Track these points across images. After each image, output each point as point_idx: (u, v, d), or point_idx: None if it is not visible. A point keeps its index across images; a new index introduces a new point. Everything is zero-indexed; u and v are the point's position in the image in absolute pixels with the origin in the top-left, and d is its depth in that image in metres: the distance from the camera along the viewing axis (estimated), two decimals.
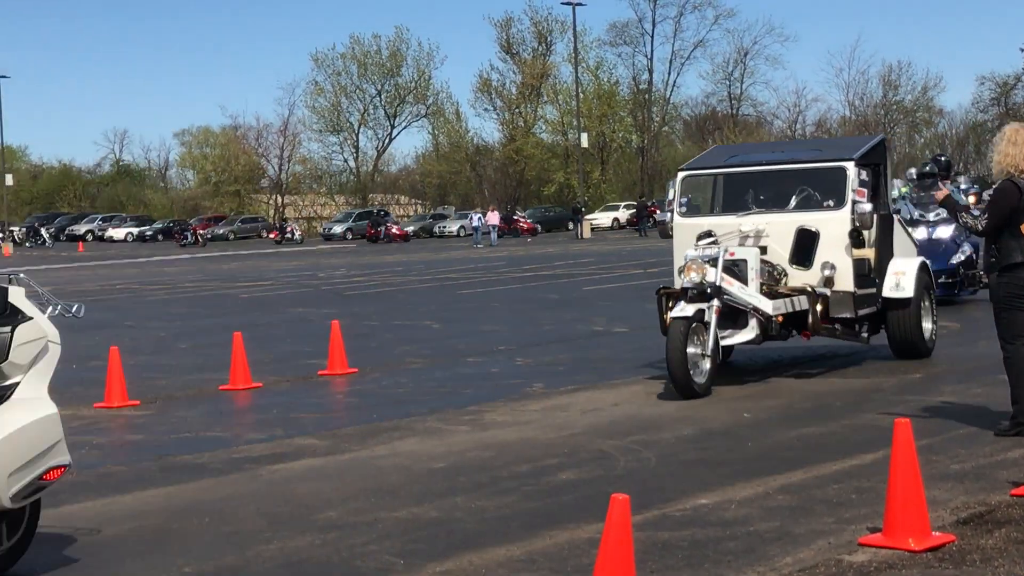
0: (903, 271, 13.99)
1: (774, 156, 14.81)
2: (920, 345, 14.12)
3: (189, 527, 8.13)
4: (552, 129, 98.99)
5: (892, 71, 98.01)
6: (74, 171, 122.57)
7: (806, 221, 13.54)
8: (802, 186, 13.98)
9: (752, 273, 12.65)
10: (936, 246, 19.79)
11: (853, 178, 13.47)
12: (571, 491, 8.63)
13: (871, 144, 14.42)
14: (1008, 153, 9.67)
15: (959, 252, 20.18)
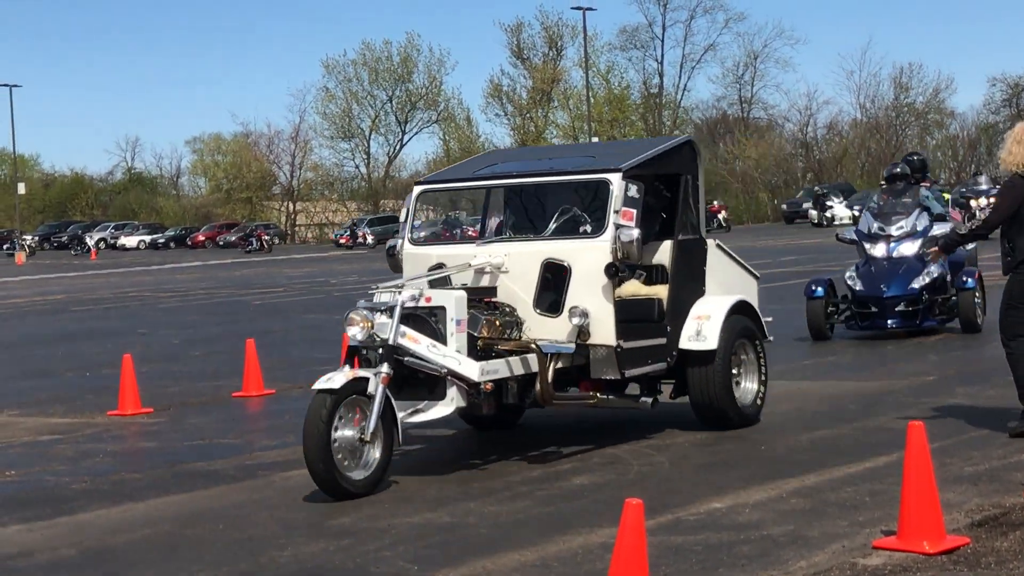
0: (707, 315, 10.66)
1: (532, 166, 11.48)
2: (729, 411, 10.67)
3: (203, 534, 8.14)
4: (563, 134, 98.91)
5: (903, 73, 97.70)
6: (86, 179, 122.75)
7: (554, 252, 10.17)
8: (566, 205, 10.76)
9: (452, 325, 9.40)
10: (896, 266, 16.72)
11: (618, 195, 10.00)
12: (584, 496, 8.62)
13: (659, 150, 11.02)
14: (1014, 151, 9.70)
15: (924, 274, 16.56)
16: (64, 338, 23.96)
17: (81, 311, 31.79)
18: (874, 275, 16.73)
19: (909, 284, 16.64)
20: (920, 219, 17.09)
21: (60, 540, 8.22)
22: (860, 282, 16.77)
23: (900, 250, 16.96)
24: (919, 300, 16.56)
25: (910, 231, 17.04)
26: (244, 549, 7.72)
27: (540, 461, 9.82)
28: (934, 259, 11.31)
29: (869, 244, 17.15)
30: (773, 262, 34.48)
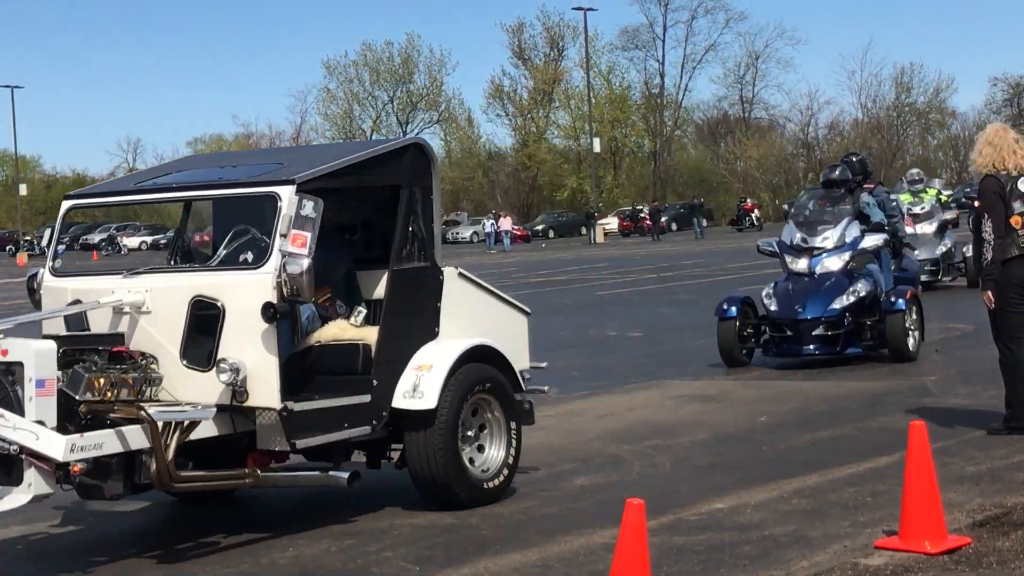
0: (429, 364, 8.37)
1: (201, 177, 8.98)
2: (456, 487, 8.36)
3: (204, 535, 8.14)
4: (564, 134, 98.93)
5: (904, 73, 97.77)
6: (88, 180, 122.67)
7: (206, 287, 7.92)
8: (241, 227, 8.43)
9: (31, 387, 7.08)
10: (818, 284, 14.44)
11: (287, 213, 7.71)
12: (586, 496, 8.62)
13: (362, 156, 8.61)
14: (984, 152, 9.73)
15: (848, 293, 14.33)
16: None
17: None
18: (791, 294, 14.46)
19: (829, 304, 14.23)
20: (851, 229, 14.83)
21: (61, 539, 8.23)
22: (775, 301, 14.50)
23: (824, 265, 14.58)
24: (840, 323, 14.20)
25: (837, 243, 14.71)
26: (245, 550, 7.72)
27: (542, 461, 9.82)
28: (987, 303, 9.80)
29: (790, 257, 14.90)
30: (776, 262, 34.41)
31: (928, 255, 22.59)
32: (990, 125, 10.09)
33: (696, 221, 68.77)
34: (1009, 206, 9.55)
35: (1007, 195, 9.56)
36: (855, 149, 67.64)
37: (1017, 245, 9.54)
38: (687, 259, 41.57)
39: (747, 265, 34.05)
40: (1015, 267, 9.58)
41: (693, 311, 22.40)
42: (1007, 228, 9.55)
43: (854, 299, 14.31)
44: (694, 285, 29.06)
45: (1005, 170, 9.64)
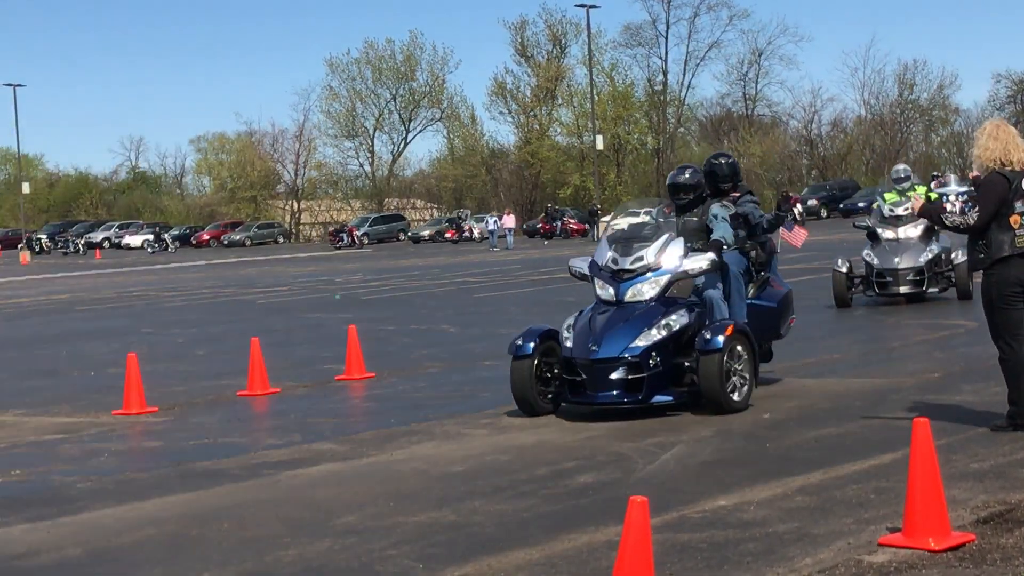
0: None
1: None
2: None
3: (208, 533, 8.14)
4: (567, 132, 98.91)
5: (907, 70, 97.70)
6: (90, 179, 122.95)
7: None
8: None
9: None
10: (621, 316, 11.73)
11: None
12: (590, 494, 8.62)
13: None
14: (989, 147, 9.70)
15: (659, 326, 11.52)
16: (69, 338, 23.99)
17: (86, 311, 31.82)
18: (591, 328, 11.74)
19: (632, 341, 11.42)
20: (672, 248, 12.04)
21: (66, 539, 8.23)
22: (573, 336, 11.76)
23: (635, 292, 11.87)
24: (644, 364, 11.37)
25: (653, 265, 11.95)
26: (249, 548, 7.72)
27: (545, 459, 9.82)
28: (915, 208, 9.81)
29: (600, 282, 12.12)
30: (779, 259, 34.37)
31: (911, 263, 20.29)
32: (988, 121, 10.07)
33: None
34: (1011, 205, 9.54)
35: (1011, 195, 9.54)
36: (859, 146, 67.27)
37: (1013, 244, 9.54)
38: None
39: None
40: (1013, 266, 9.57)
41: None
42: (1004, 226, 9.53)
43: (664, 334, 11.45)
44: None
45: (1010, 164, 9.63)
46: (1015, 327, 9.65)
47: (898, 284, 20.33)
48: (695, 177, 12.67)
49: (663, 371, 11.48)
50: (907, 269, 20.27)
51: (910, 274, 20.29)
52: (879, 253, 20.65)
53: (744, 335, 11.61)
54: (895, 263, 20.32)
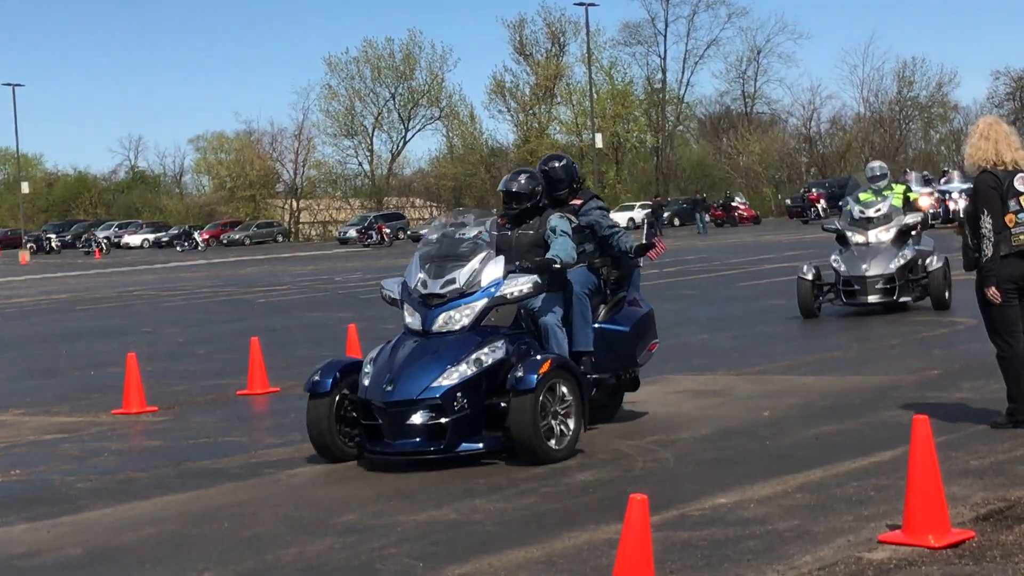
0: None
1: None
2: None
3: (208, 532, 8.15)
4: (566, 130, 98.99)
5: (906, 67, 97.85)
6: (89, 178, 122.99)
7: None
8: None
9: None
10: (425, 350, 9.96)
11: None
12: (589, 492, 8.62)
13: None
14: (980, 147, 9.70)
15: (469, 361, 9.77)
16: (69, 337, 23.98)
17: (85, 310, 31.82)
18: (389, 363, 9.97)
19: (433, 381, 9.69)
20: (489, 269, 10.25)
21: (66, 539, 8.23)
22: (370, 375, 9.99)
23: (443, 321, 10.10)
24: (449, 408, 9.62)
25: (466, 288, 10.14)
26: (249, 547, 7.72)
27: None
28: (992, 299, 9.32)
29: (409, 308, 10.35)
30: (777, 256, 34.49)
31: (880, 270, 18.65)
32: (981, 119, 10.06)
33: (698, 216, 68.77)
34: (1005, 203, 9.54)
35: (1003, 192, 9.55)
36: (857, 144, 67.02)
37: (1009, 242, 9.54)
38: (689, 254, 41.55)
39: (749, 260, 34.06)
40: (1009, 264, 9.59)
41: (696, 306, 22.42)
42: (1001, 225, 9.54)
43: (474, 371, 9.72)
44: (697, 280, 29.06)
45: (1002, 164, 9.62)
46: (1012, 324, 9.66)
47: (866, 293, 18.68)
48: (531, 184, 10.87)
49: (472, 414, 9.73)
50: (876, 276, 18.62)
51: (879, 282, 18.61)
52: (847, 259, 18.97)
53: (567, 371, 9.92)
54: (863, 270, 18.65)
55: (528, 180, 10.91)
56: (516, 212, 10.88)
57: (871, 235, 19.05)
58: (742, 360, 14.80)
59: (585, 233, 11.10)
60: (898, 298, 18.70)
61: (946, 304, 18.57)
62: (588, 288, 10.83)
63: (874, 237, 19.03)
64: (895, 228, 19.02)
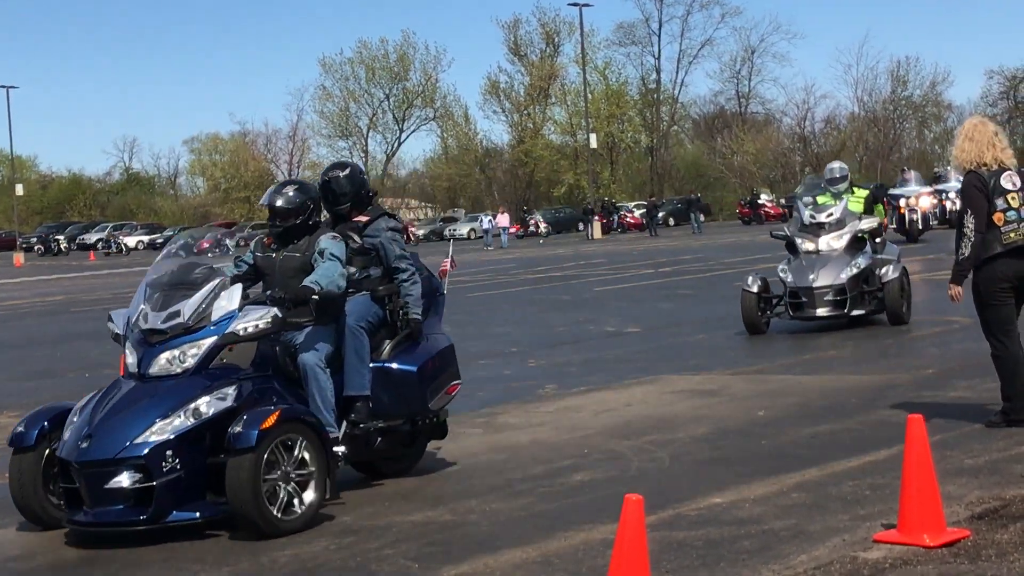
0: None
1: None
2: None
3: (203, 534, 8.13)
4: (561, 130, 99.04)
5: (900, 66, 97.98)
6: (84, 180, 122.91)
7: None
8: None
9: None
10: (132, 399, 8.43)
11: None
12: (585, 492, 8.63)
13: None
14: (964, 148, 9.73)
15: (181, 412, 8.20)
16: (64, 339, 23.96)
17: (81, 312, 31.78)
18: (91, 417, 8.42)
19: (137, 436, 8.09)
20: (222, 301, 8.72)
21: (60, 541, 8.22)
22: (71, 429, 8.44)
23: (166, 362, 8.54)
24: (153, 469, 8.02)
25: (189, 325, 8.59)
26: (245, 549, 7.72)
27: (540, 458, 9.82)
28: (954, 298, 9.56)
29: (128, 349, 8.85)
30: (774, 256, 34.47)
31: (829, 280, 16.88)
32: (969, 119, 10.08)
33: (693, 216, 68.84)
34: (992, 203, 9.56)
35: (990, 191, 9.56)
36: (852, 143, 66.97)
37: (1001, 241, 9.56)
38: (685, 254, 41.57)
39: (745, 260, 34.07)
40: (1001, 263, 9.60)
41: (691, 306, 22.43)
42: (990, 224, 9.56)
43: (192, 423, 8.14)
44: (692, 280, 29.07)
45: (985, 165, 9.64)
46: (1006, 323, 9.68)
47: (814, 305, 16.87)
48: (299, 197, 9.26)
49: (187, 476, 8.13)
50: (824, 288, 16.83)
51: (828, 293, 16.84)
52: (795, 269, 17.21)
53: (304, 424, 8.36)
54: (810, 280, 16.87)
55: (296, 193, 9.27)
56: (280, 230, 9.30)
57: (822, 242, 17.34)
58: (737, 360, 14.80)
59: (371, 256, 9.52)
60: (849, 311, 16.94)
61: (903, 319, 17.02)
62: (367, 320, 9.25)
63: (825, 244, 17.30)
64: (848, 235, 17.33)
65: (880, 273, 17.09)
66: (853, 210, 17.72)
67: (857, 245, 17.32)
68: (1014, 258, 9.60)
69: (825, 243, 17.29)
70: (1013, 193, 9.60)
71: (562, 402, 12.52)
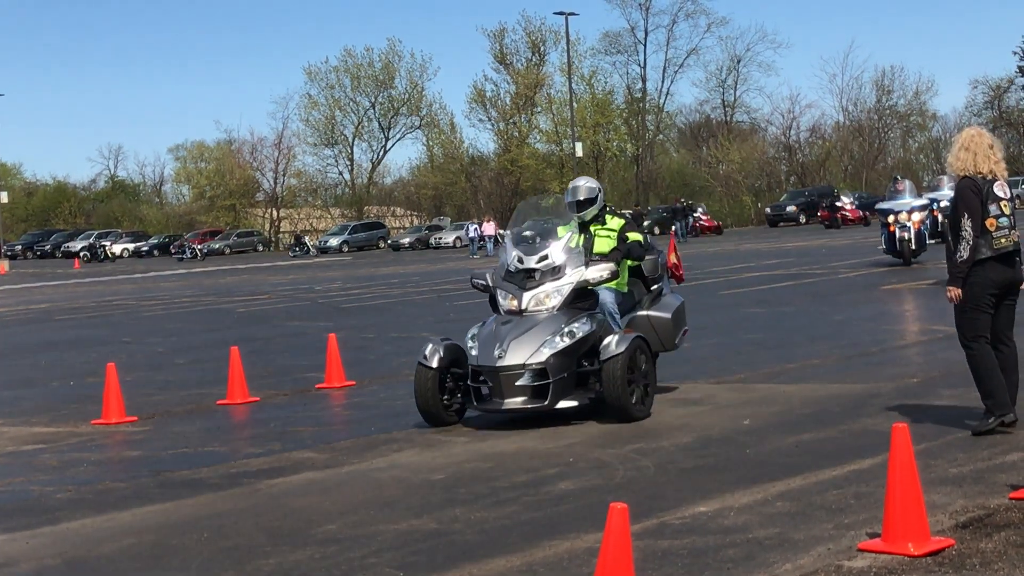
0: None
1: None
2: None
3: (188, 543, 8.12)
4: (547, 139, 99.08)
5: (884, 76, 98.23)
6: (69, 188, 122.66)
7: None
8: None
9: None
10: None
11: None
12: (570, 501, 8.62)
13: None
14: (960, 157, 9.90)
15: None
16: (48, 347, 23.90)
17: (65, 320, 31.72)
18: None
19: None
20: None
21: (44, 549, 8.20)
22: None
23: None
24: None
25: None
26: (229, 557, 7.70)
27: (525, 466, 9.82)
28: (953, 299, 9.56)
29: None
30: (757, 265, 34.54)
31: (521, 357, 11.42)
32: (966, 129, 10.19)
33: (678, 224, 68.86)
34: (986, 208, 9.67)
35: (984, 196, 9.67)
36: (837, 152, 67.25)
37: (991, 246, 9.65)
38: None
39: (729, 269, 34.10)
40: (989, 269, 9.69)
41: None
42: (982, 229, 9.66)
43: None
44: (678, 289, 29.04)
45: (980, 174, 9.75)
46: (981, 330, 9.76)
47: (501, 393, 11.45)
48: None
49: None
50: (514, 368, 11.43)
51: (521, 376, 11.41)
52: (484, 337, 11.79)
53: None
54: (495, 357, 11.48)
55: None
56: None
57: (527, 298, 11.87)
58: (723, 368, 14.81)
59: None
60: (551, 403, 11.42)
61: (630, 413, 11.45)
62: None
63: (531, 302, 11.87)
64: (568, 287, 11.93)
65: (603, 345, 11.54)
66: (602, 250, 12.68)
67: (582, 303, 12.04)
68: (1002, 264, 9.72)
69: (531, 300, 11.89)
70: (1005, 201, 9.77)
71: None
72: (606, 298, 12.35)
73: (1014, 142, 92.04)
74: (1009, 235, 9.75)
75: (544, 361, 11.44)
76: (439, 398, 11.86)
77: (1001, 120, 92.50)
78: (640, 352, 11.73)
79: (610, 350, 11.43)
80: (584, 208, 12.92)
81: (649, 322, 12.93)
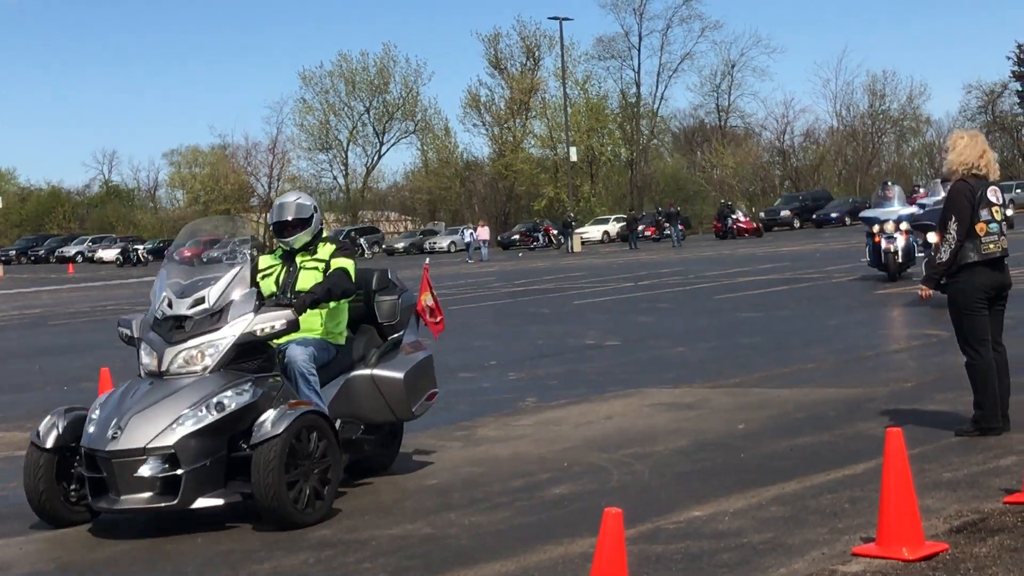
0: None
1: None
2: None
3: (182, 547, 8.11)
4: (541, 144, 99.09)
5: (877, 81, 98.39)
6: (63, 193, 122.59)
7: None
8: None
9: None
10: None
11: None
12: (564, 505, 8.62)
13: None
14: (949, 159, 9.95)
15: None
16: (42, 352, 23.87)
17: (59, 325, 31.68)
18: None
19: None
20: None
21: (39, 554, 8.19)
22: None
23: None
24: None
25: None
26: (224, 562, 7.70)
27: (520, 471, 9.82)
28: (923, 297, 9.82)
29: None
30: (752, 269, 34.58)
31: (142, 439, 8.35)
32: (953, 132, 10.30)
33: (672, 229, 68.88)
34: (977, 212, 9.70)
35: (976, 201, 9.70)
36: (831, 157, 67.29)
37: (979, 251, 9.69)
38: (664, 267, 41.62)
39: (724, 273, 34.13)
40: (979, 273, 9.74)
41: (671, 319, 22.44)
42: (971, 233, 9.70)
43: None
44: (672, 293, 29.09)
45: (977, 168, 9.80)
46: (982, 333, 9.78)
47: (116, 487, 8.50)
48: None
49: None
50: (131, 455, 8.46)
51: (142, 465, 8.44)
52: (108, 406, 8.84)
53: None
54: (108, 437, 8.52)
55: None
56: None
57: (170, 356, 8.88)
58: (717, 372, 14.82)
59: None
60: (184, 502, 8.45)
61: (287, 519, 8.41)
62: None
63: (176, 360, 8.88)
64: (226, 342, 8.87)
65: (257, 423, 8.58)
66: (304, 286, 9.64)
67: (251, 362, 8.99)
68: (991, 269, 9.77)
69: (177, 358, 8.90)
70: (996, 206, 9.80)
71: (542, 415, 12.52)
72: (295, 355, 9.19)
73: (1008, 147, 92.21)
74: (998, 241, 9.81)
75: (173, 444, 8.37)
76: (57, 490, 8.79)
77: (995, 124, 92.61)
78: (312, 432, 8.61)
79: (264, 431, 8.37)
80: (293, 232, 9.79)
81: (374, 384, 9.76)
